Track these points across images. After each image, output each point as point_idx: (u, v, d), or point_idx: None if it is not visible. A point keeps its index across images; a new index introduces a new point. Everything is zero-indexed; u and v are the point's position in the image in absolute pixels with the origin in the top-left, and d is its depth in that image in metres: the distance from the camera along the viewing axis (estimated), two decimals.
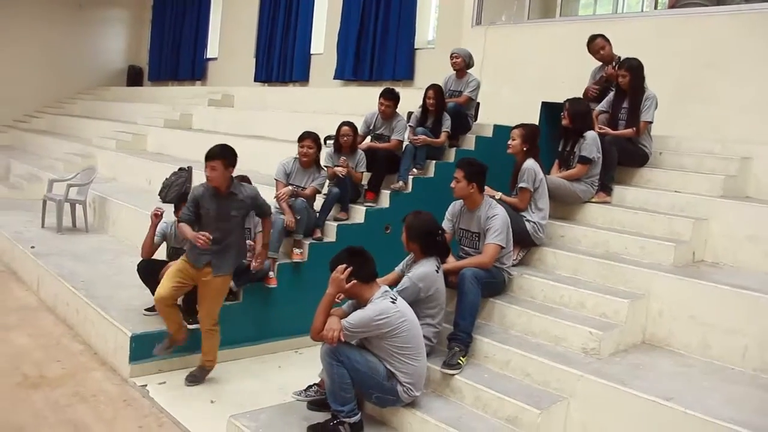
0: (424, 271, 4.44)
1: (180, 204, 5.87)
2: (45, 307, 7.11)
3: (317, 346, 4.29)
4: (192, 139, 12.15)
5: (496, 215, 4.79)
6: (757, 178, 5.89)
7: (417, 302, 4.34)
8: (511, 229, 4.93)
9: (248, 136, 11.21)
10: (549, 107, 8.14)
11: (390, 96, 7.19)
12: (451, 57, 7.77)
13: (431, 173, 7.32)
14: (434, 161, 7.36)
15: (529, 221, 5.29)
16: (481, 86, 7.90)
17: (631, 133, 6.02)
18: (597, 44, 6.62)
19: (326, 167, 6.65)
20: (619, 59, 6.39)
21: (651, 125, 6.08)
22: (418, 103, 7.72)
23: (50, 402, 4.97)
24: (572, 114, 5.77)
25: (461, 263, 4.80)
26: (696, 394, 3.85)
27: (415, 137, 7.13)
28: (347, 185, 6.71)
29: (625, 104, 6.17)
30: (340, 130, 6.81)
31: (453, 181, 4.87)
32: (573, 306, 4.78)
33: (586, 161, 5.70)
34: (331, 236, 6.60)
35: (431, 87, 7.30)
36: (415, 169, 7.17)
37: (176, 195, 7.64)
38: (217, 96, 14.52)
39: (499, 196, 5.29)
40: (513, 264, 5.15)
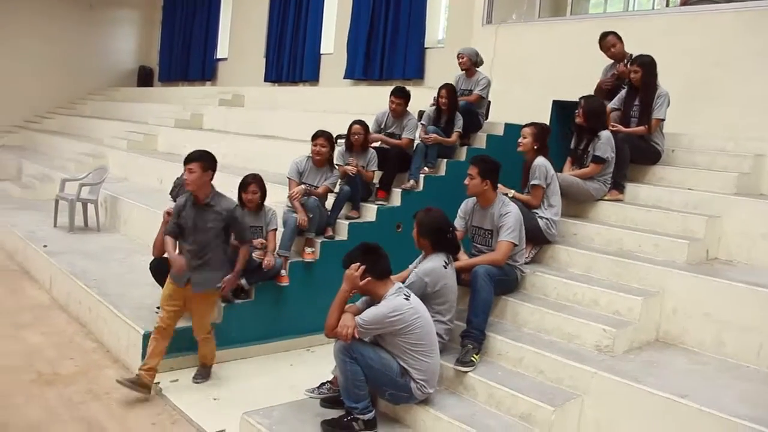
0: (431, 266, 4.43)
1: None
2: (57, 306, 7.14)
3: (329, 344, 4.29)
4: (203, 139, 12.16)
5: (509, 212, 4.78)
6: None
7: (425, 298, 4.32)
8: (524, 227, 4.92)
9: (259, 136, 11.24)
10: (560, 106, 8.13)
11: (401, 94, 7.19)
12: (457, 57, 7.78)
13: (442, 172, 7.33)
14: (445, 160, 7.37)
15: (542, 218, 5.28)
16: (492, 85, 7.90)
17: (643, 131, 5.99)
18: (608, 41, 6.60)
19: (337, 166, 6.66)
20: (631, 57, 6.36)
21: (663, 123, 6.05)
22: (429, 103, 7.73)
23: (64, 399, 5.00)
24: (587, 112, 5.75)
25: (474, 261, 4.79)
26: (711, 392, 3.83)
27: (427, 136, 7.13)
28: (358, 184, 6.72)
29: (637, 101, 6.14)
30: (351, 129, 6.82)
31: (467, 178, 4.87)
32: (586, 303, 4.77)
33: (600, 161, 5.68)
34: (343, 235, 6.61)
35: (444, 86, 7.31)
36: (427, 168, 7.18)
37: None
38: (228, 96, 14.54)
39: (512, 194, 5.28)
40: (525, 262, 5.14)
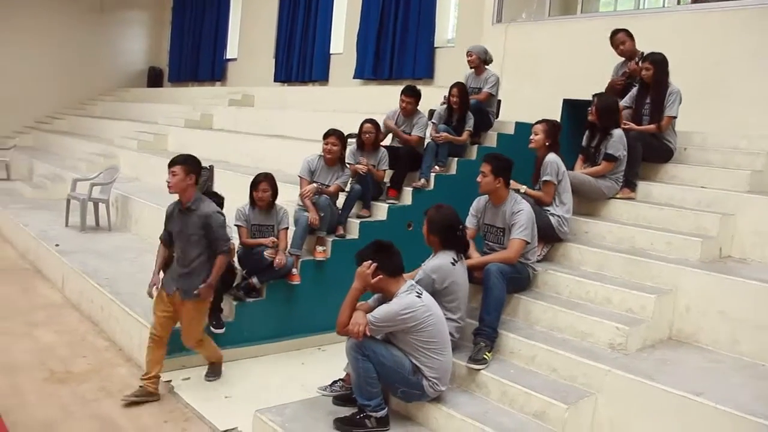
0: (438, 263, 4.41)
1: None
2: (70, 305, 7.18)
3: (341, 343, 4.29)
4: (213, 139, 12.23)
5: (522, 210, 4.77)
6: None
7: (434, 296, 4.28)
8: (536, 224, 4.90)
9: (269, 136, 11.25)
10: (570, 104, 8.11)
11: (411, 93, 7.18)
12: (467, 55, 7.77)
13: (453, 171, 7.31)
14: (456, 159, 7.35)
15: (554, 215, 5.26)
16: (503, 84, 7.88)
17: (654, 129, 5.97)
18: (618, 38, 6.58)
19: (348, 164, 6.66)
20: (642, 54, 6.34)
21: (675, 120, 6.02)
22: (438, 102, 7.72)
23: (77, 397, 5.02)
24: (600, 109, 5.73)
25: (486, 258, 4.79)
26: (726, 390, 3.81)
27: (438, 135, 7.12)
28: (369, 183, 6.72)
29: (649, 99, 6.11)
30: (363, 128, 6.82)
31: (479, 176, 4.86)
32: (599, 301, 4.75)
33: (612, 159, 5.65)
34: (354, 233, 6.60)
35: (455, 85, 7.29)
36: (438, 167, 7.17)
37: None
38: (238, 96, 14.57)
39: (524, 190, 5.27)
40: (537, 260, 5.13)
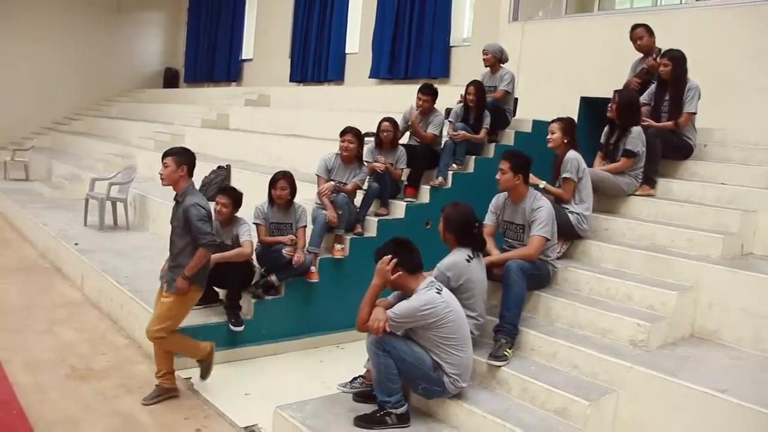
0: (453, 260, 4.39)
1: None
2: (89, 303, 7.23)
3: (359, 341, 4.30)
4: (229, 139, 12.28)
5: (542, 207, 4.76)
6: None
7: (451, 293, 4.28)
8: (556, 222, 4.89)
9: (286, 135, 11.28)
10: (588, 102, 8.08)
11: (428, 91, 7.18)
12: (483, 53, 7.76)
13: (471, 169, 7.31)
14: (474, 157, 7.34)
15: (573, 213, 5.23)
16: (519, 82, 7.87)
17: (673, 125, 5.93)
18: (637, 33, 6.55)
19: (366, 162, 6.67)
20: (660, 51, 6.30)
21: (695, 116, 5.98)
22: (455, 101, 7.71)
23: (98, 393, 5.05)
24: (620, 106, 5.70)
25: (506, 255, 4.77)
26: (750, 387, 3.77)
27: (455, 133, 7.11)
28: (386, 181, 6.72)
29: (668, 96, 6.08)
30: (381, 126, 6.83)
31: (498, 173, 4.84)
32: (619, 298, 4.72)
33: (631, 155, 5.63)
34: (372, 231, 6.61)
35: (472, 83, 7.29)
36: (455, 165, 7.16)
37: (216, 192, 7.71)
38: (254, 96, 14.63)
39: (543, 185, 5.26)
40: (557, 257, 5.10)
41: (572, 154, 5.29)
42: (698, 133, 6.09)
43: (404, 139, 7.36)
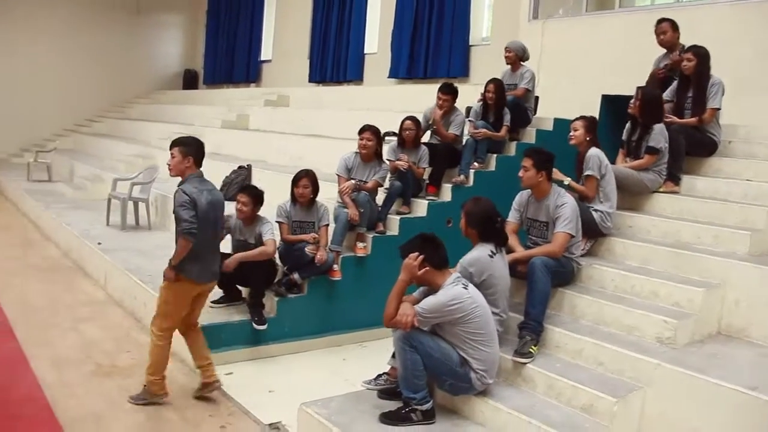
0: (475, 256, 4.37)
1: None
2: (113, 301, 7.29)
3: (382, 340, 4.30)
4: (249, 139, 12.33)
5: (566, 204, 4.73)
6: None
7: None
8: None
9: (306, 135, 11.30)
10: (609, 100, 8.04)
11: (448, 90, 7.16)
12: (505, 51, 7.75)
13: (492, 167, 7.30)
14: (495, 155, 7.33)
15: (597, 211, 5.21)
16: (540, 81, 7.85)
17: (696, 122, 5.89)
18: (661, 27, 6.49)
19: (389, 161, 6.67)
20: (683, 47, 6.25)
21: (719, 113, 5.93)
22: (475, 99, 7.69)
23: (123, 390, 5.07)
24: (644, 103, 5.66)
25: (530, 252, 4.75)
26: None
27: (476, 131, 7.10)
28: (409, 179, 6.72)
29: (690, 93, 6.03)
30: (403, 125, 6.83)
31: (521, 170, 4.83)
32: (645, 295, 4.69)
33: (654, 151, 5.59)
34: (394, 230, 6.62)
35: (491, 81, 7.28)
36: (476, 163, 7.16)
37: (237, 192, 7.75)
38: (273, 96, 14.66)
39: (568, 182, 5.24)
40: (581, 254, 5.08)
41: (594, 151, 5.26)
42: (723, 130, 6.03)
43: (425, 138, 7.35)
